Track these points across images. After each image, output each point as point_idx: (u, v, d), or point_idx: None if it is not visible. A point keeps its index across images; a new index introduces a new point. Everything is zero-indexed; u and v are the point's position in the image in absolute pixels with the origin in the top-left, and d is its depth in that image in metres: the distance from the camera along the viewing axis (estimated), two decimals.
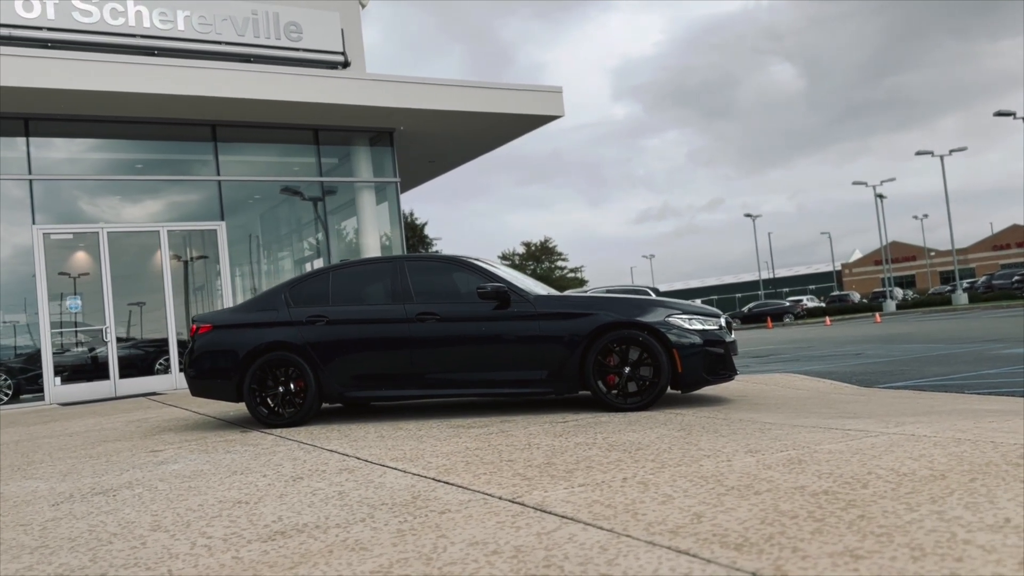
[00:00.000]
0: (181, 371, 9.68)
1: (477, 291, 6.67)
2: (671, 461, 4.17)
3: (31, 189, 13.00)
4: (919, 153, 45.70)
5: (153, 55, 13.43)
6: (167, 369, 13.74)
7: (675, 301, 6.97)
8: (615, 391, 6.42)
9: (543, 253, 74.74)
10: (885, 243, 57.70)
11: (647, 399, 6.35)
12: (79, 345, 13.38)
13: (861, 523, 2.79)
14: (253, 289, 15.25)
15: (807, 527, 2.79)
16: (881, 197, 54.02)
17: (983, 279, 54.33)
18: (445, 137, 16.40)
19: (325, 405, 7.96)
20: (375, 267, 7.41)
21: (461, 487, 3.89)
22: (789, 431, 4.90)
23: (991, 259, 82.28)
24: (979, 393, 7.28)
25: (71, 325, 13.31)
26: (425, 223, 52.76)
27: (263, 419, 7.01)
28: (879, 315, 38.47)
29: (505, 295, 6.65)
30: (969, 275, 73.17)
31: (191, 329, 7.53)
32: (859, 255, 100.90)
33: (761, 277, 73.54)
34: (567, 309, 6.62)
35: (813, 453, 4.11)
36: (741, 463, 3.99)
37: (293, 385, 7.00)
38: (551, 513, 3.24)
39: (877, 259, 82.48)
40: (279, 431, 6.72)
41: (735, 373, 6.78)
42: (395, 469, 4.54)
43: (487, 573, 2.56)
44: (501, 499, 3.56)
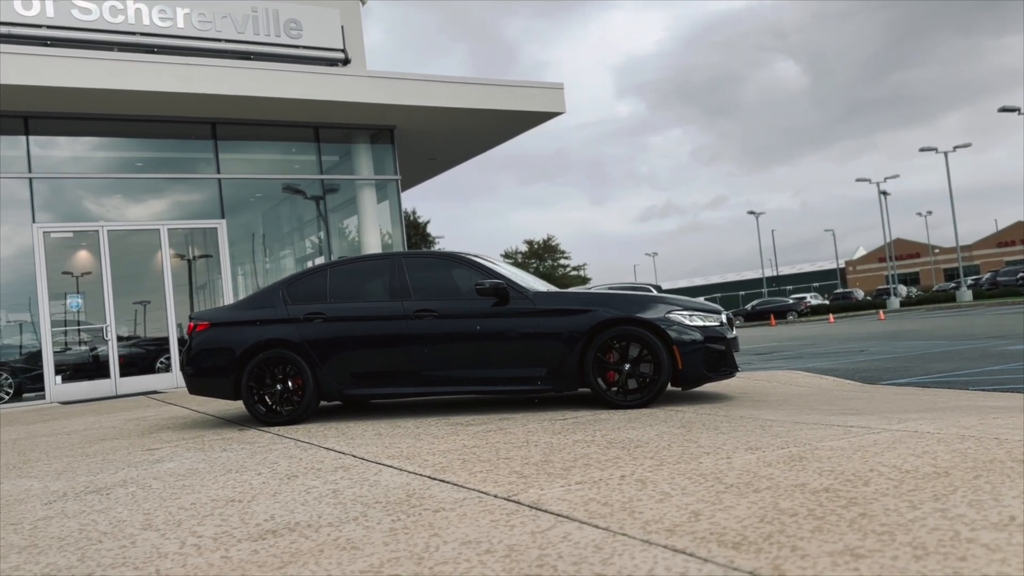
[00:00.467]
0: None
1: (475, 287, 6.61)
2: (670, 458, 4.11)
3: (31, 187, 12.96)
4: (923, 150, 45.54)
5: (153, 53, 13.38)
6: (168, 367, 13.70)
7: (676, 297, 6.91)
8: (615, 388, 6.35)
9: (546, 251, 74.63)
10: (889, 240, 57.54)
11: (647, 396, 6.28)
12: (80, 344, 13.35)
13: (862, 521, 2.73)
14: (254, 287, 15.21)
15: (807, 525, 2.73)
16: (885, 194, 53.88)
17: (987, 276, 54.14)
18: (446, 134, 16.34)
19: (325, 403, 7.93)
20: (373, 264, 7.36)
21: (456, 485, 3.84)
22: (790, 428, 4.84)
23: (995, 256, 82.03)
24: (983, 389, 7.21)
25: (72, 324, 13.28)
26: (427, 221, 52.69)
27: (261, 417, 6.96)
28: (883, 312, 38.35)
29: (504, 292, 6.59)
30: (973, 272, 72.95)
31: (188, 327, 7.48)
32: (863, 252, 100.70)
33: (764, 275, 73.40)
34: (566, 305, 6.55)
35: (814, 450, 4.05)
36: (741, 460, 3.93)
37: (291, 383, 6.95)
38: (546, 511, 3.18)
39: (881, 256, 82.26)
40: (277, 429, 6.67)
41: (736, 370, 6.71)
42: (391, 467, 4.49)
43: (479, 573, 2.50)
44: (496, 497, 3.51)
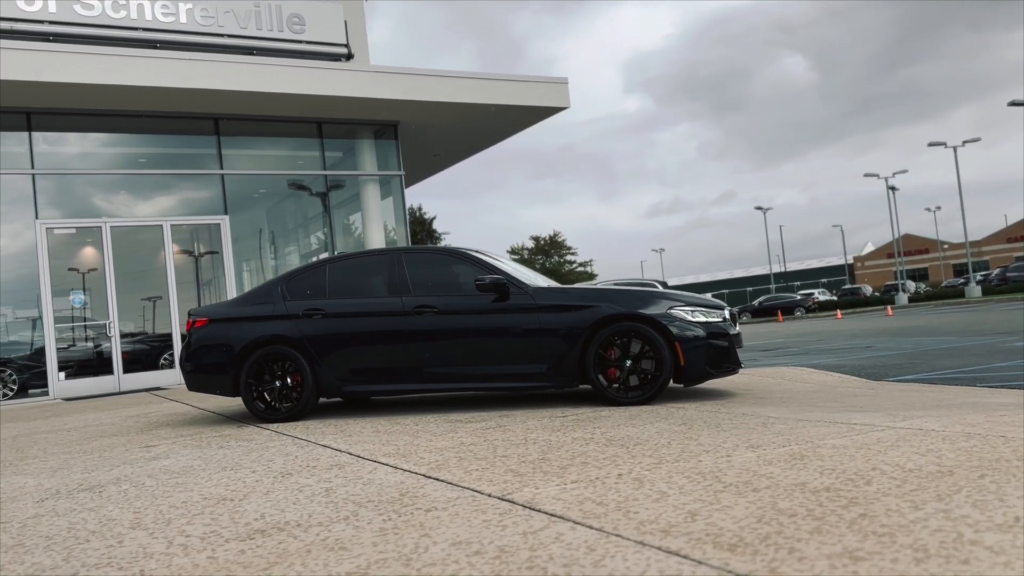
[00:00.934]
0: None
1: (475, 283, 6.54)
2: (669, 456, 4.03)
3: (34, 183, 12.95)
4: (932, 144, 45.27)
5: (155, 48, 13.34)
6: (171, 364, 13.67)
7: (678, 293, 6.82)
8: (616, 385, 6.28)
9: (552, 247, 74.55)
10: (897, 236, 57.24)
11: (648, 393, 6.21)
12: (83, 340, 13.34)
13: (863, 522, 2.65)
14: (257, 284, 15.17)
15: (806, 526, 2.66)
16: (893, 189, 53.58)
17: (997, 272, 53.79)
18: (450, 129, 16.27)
19: (325, 400, 7.87)
20: (373, 259, 7.29)
21: (451, 484, 3.77)
22: (793, 426, 4.76)
23: (1005, 251, 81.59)
24: (991, 386, 7.11)
25: (75, 320, 13.26)
26: (434, 217, 52.65)
27: (260, 414, 6.91)
28: (891, 308, 38.15)
29: (504, 287, 6.52)
30: (983, 268, 72.52)
31: (187, 323, 7.43)
32: (871, 248, 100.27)
33: (772, 271, 73.19)
34: (567, 301, 6.48)
35: (816, 448, 3.97)
36: (741, 459, 3.85)
37: (290, 379, 6.90)
38: (540, 511, 3.11)
39: (889, 252, 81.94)
40: (275, 426, 6.62)
41: (739, 366, 6.63)
42: (386, 465, 4.43)
43: (467, 575, 2.44)
44: (490, 496, 3.44)
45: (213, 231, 14.36)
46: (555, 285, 7.06)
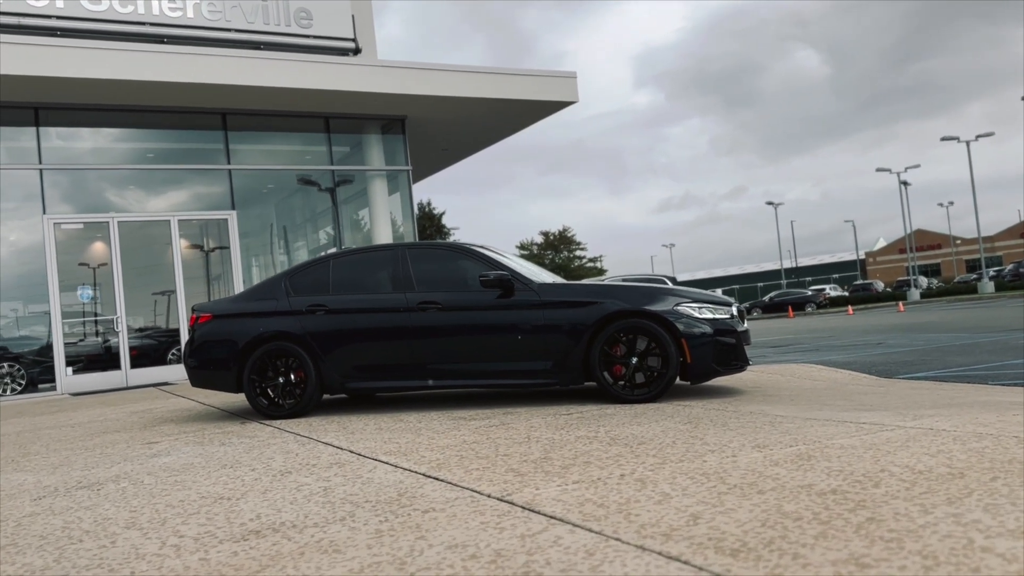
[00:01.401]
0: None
1: (479, 279, 6.47)
2: (673, 456, 3.96)
3: (41, 179, 12.95)
4: (944, 139, 44.90)
5: (162, 43, 13.32)
6: (179, 359, 13.66)
7: (685, 289, 6.73)
8: (622, 382, 6.20)
9: (561, 242, 74.38)
10: (909, 231, 56.85)
11: (655, 390, 6.13)
12: (90, 335, 13.35)
13: (870, 527, 2.57)
14: (264, 279, 15.14)
15: (811, 531, 2.58)
16: (905, 184, 53.20)
17: (1010, 267, 53.31)
18: (458, 124, 16.19)
19: (331, 397, 7.82)
20: (376, 255, 7.22)
21: (450, 484, 3.71)
22: (801, 425, 4.68)
23: (1018, 247, 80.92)
24: (1004, 384, 7.00)
25: (82, 315, 13.27)
26: (443, 213, 52.61)
27: (263, 410, 6.87)
28: (902, 304, 37.89)
29: (508, 283, 6.45)
30: (996, 263, 72.02)
31: (191, 318, 7.39)
32: (883, 243, 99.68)
33: (783, 266, 72.84)
34: (572, 297, 6.40)
35: (824, 448, 3.89)
36: (747, 459, 3.77)
37: (293, 376, 6.85)
38: (539, 513, 3.05)
39: (902, 247, 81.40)
40: (278, 423, 6.58)
41: (747, 364, 6.54)
42: (386, 463, 4.37)
43: None
44: (489, 497, 3.38)
45: (220, 226, 14.34)
46: (560, 281, 6.99)
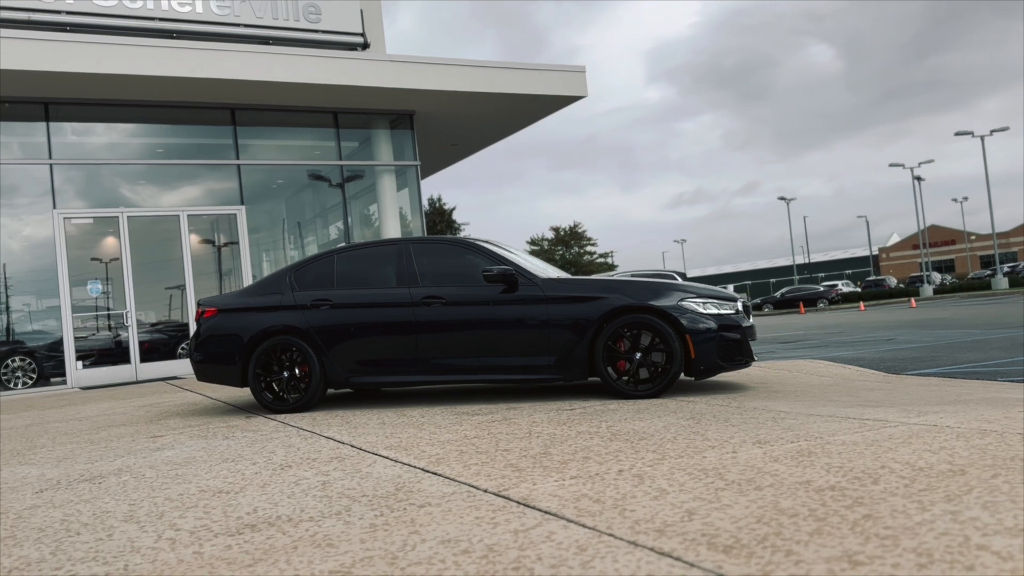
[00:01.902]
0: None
1: (483, 274, 6.46)
2: (673, 452, 3.94)
3: (51, 174, 13.01)
4: (959, 134, 44.52)
5: (172, 38, 13.34)
6: (188, 353, 13.71)
7: (690, 284, 6.70)
8: (626, 377, 6.18)
9: (572, 238, 74.25)
10: (923, 227, 56.46)
11: (658, 386, 6.10)
12: (100, 330, 13.41)
13: (866, 524, 2.55)
14: None
15: (806, 527, 2.56)
16: (919, 179, 52.83)
17: None
18: (466, 119, 16.16)
19: (337, 391, 7.83)
20: (380, 250, 7.22)
21: (448, 478, 3.70)
22: (804, 421, 4.65)
23: None
24: (1013, 381, 6.93)
25: (92, 309, 13.34)
26: (453, 208, 52.62)
27: (268, 405, 6.88)
28: (914, 300, 37.65)
29: (512, 278, 6.43)
30: (1010, 259, 71.45)
31: (196, 313, 7.41)
32: (897, 239, 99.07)
33: (795, 262, 72.49)
34: (576, 293, 6.38)
35: (825, 445, 3.86)
36: (747, 455, 3.75)
37: (298, 370, 6.86)
38: (535, 508, 3.03)
39: (915, 243, 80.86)
40: (282, 417, 6.59)
41: (752, 359, 6.50)
42: (386, 458, 4.37)
43: (451, 575, 2.36)
44: (486, 492, 3.37)
45: (230, 221, 14.37)
46: (564, 276, 6.96)
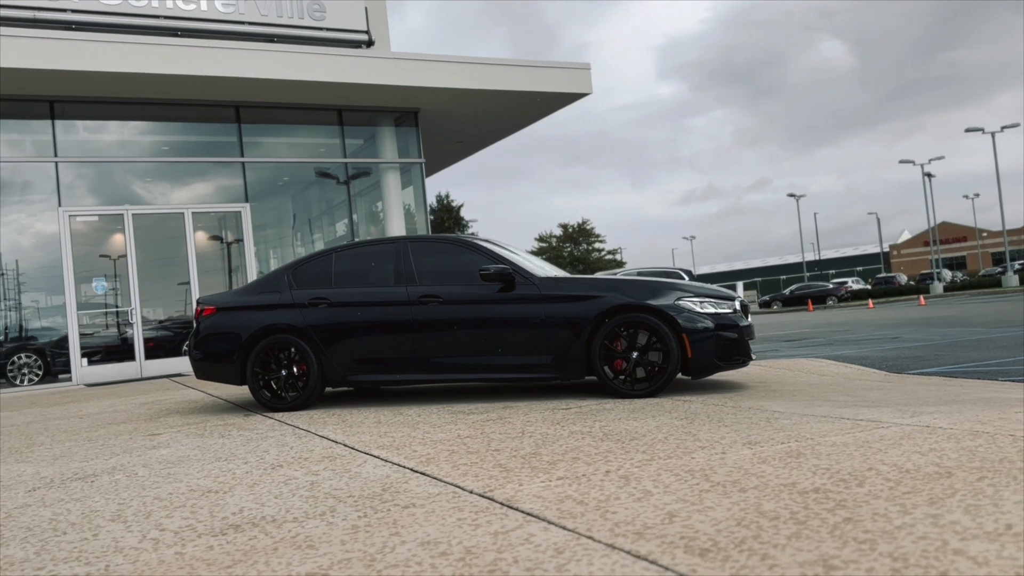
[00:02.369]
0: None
1: (479, 273, 6.45)
2: (662, 453, 3.93)
3: (57, 171, 13.07)
4: (969, 130, 44.25)
5: (176, 36, 13.38)
6: None
7: (688, 283, 6.68)
8: (622, 377, 6.17)
9: (580, 235, 74.18)
10: (933, 224, 56.13)
11: (655, 385, 6.09)
12: (105, 327, 13.48)
13: (846, 527, 2.53)
14: None
15: (785, 530, 2.55)
16: (929, 176, 52.52)
17: None
18: (471, 117, 16.15)
19: (340, 389, 7.85)
20: (378, 248, 7.22)
21: (435, 479, 3.70)
22: (797, 421, 4.63)
23: None
24: (1014, 380, 6.89)
25: (97, 307, 13.40)
26: (461, 205, 52.62)
27: (266, 403, 6.90)
28: (923, 298, 37.46)
29: (509, 277, 6.42)
30: (1021, 256, 70.97)
31: (195, 311, 7.43)
32: (908, 236, 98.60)
33: (805, 259, 72.23)
34: (573, 291, 6.37)
35: (815, 446, 3.84)
36: (736, 456, 3.73)
37: (296, 369, 6.87)
38: (517, 510, 3.03)
39: (926, 240, 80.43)
40: (280, 415, 6.60)
41: (750, 359, 6.48)
42: (377, 458, 4.37)
43: None
44: (472, 493, 3.36)
45: (234, 219, 14.41)
46: (561, 274, 6.95)
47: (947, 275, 57.42)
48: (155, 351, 13.59)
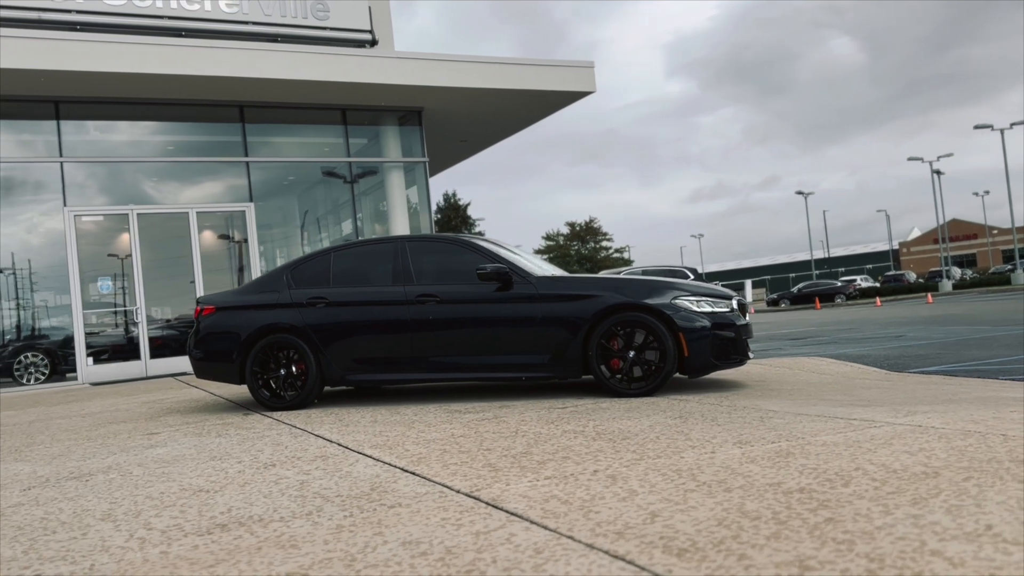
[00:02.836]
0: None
1: (477, 272, 6.46)
2: (652, 452, 3.92)
3: (62, 171, 13.14)
4: (977, 127, 44.05)
5: (181, 36, 13.43)
6: None
7: (685, 282, 6.67)
8: (619, 375, 6.17)
9: (588, 233, 74.12)
10: (942, 221, 55.85)
11: (652, 384, 6.08)
12: (111, 326, 13.55)
13: (826, 527, 2.53)
14: None
15: (765, 531, 2.54)
16: (938, 173, 52.27)
17: None
18: (475, 115, 16.16)
19: (342, 388, 7.87)
20: (376, 248, 7.23)
21: (424, 478, 3.71)
22: (791, 420, 4.62)
23: None
24: (1014, 379, 6.86)
25: (102, 306, 13.47)
26: (468, 204, 52.65)
27: (265, 402, 6.93)
28: (931, 296, 37.30)
29: (506, 276, 6.43)
30: None
31: (195, 311, 7.46)
32: (918, 233, 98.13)
33: (813, 257, 71.94)
34: (570, 291, 6.37)
35: (805, 445, 3.83)
36: (725, 455, 3.73)
37: (295, 368, 6.89)
38: (501, 509, 3.04)
39: (936, 238, 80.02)
40: (278, 414, 6.62)
41: (747, 358, 6.47)
42: (369, 457, 4.38)
43: None
44: (458, 492, 3.37)
45: (239, 218, 14.46)
46: (559, 274, 6.95)
47: (956, 272, 57.12)
48: (160, 350, 13.66)
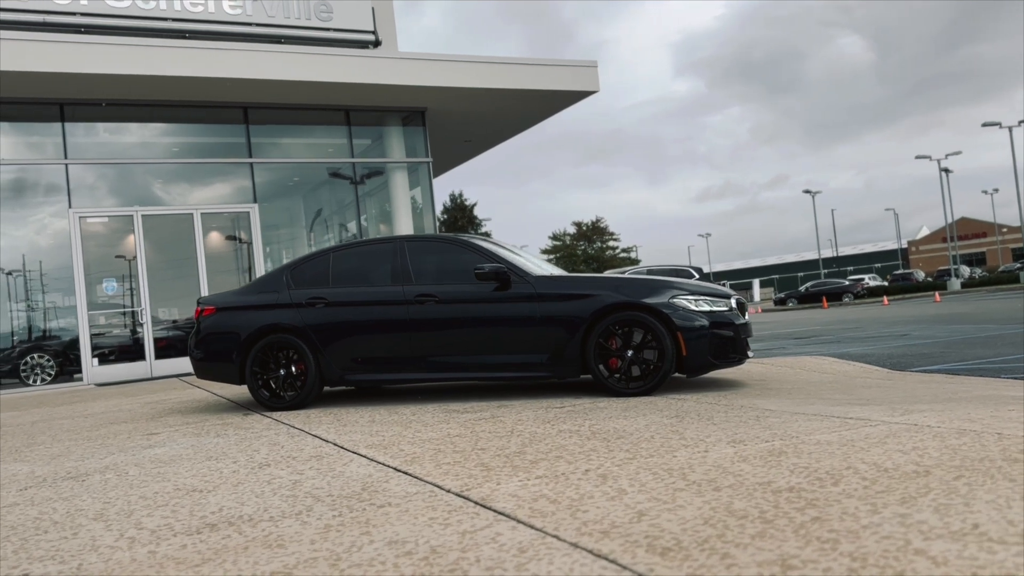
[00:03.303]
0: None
1: (475, 272, 6.45)
2: (645, 451, 3.92)
3: (67, 173, 13.20)
4: (986, 125, 43.82)
5: (184, 38, 13.47)
6: None
7: (683, 281, 6.65)
8: (617, 375, 6.16)
9: (594, 233, 74.04)
10: (951, 220, 55.62)
11: (650, 384, 6.07)
12: (116, 327, 13.60)
13: (812, 526, 2.52)
14: None
15: (750, 530, 2.53)
16: (946, 171, 52.05)
17: None
18: (478, 115, 16.16)
19: (342, 388, 7.89)
20: (375, 248, 7.25)
21: (415, 478, 3.71)
22: (787, 419, 4.60)
23: None
24: (1015, 378, 6.82)
25: (108, 307, 13.52)
26: (474, 204, 52.66)
27: (265, 402, 6.94)
28: (939, 295, 37.14)
29: (504, 276, 6.42)
30: None
31: (196, 311, 7.48)
32: (927, 232, 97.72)
33: (821, 255, 71.71)
34: (568, 290, 6.36)
35: (799, 444, 3.82)
36: (717, 454, 3.72)
37: (294, 368, 6.91)
38: (489, 509, 3.03)
39: (945, 236, 79.68)
40: (278, 414, 6.64)
41: (746, 357, 6.45)
42: (364, 457, 4.38)
43: None
44: (449, 492, 3.37)
45: (243, 219, 14.50)
46: (557, 273, 6.94)
47: (965, 271, 56.89)
48: (165, 351, 13.70)
